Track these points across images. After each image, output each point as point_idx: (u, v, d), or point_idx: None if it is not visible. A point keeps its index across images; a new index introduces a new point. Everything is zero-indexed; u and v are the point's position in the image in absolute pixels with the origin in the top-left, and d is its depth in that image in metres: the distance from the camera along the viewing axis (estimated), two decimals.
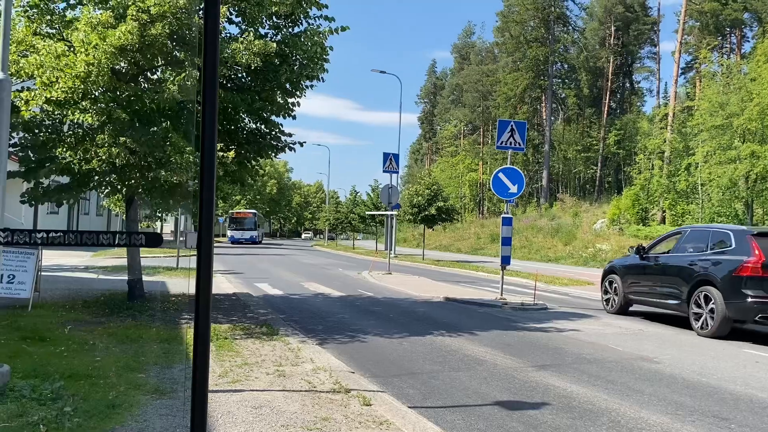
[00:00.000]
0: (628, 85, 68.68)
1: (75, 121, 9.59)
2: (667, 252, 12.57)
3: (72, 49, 8.98)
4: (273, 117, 10.93)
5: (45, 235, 3.16)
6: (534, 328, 11.07)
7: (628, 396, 6.55)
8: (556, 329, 11.05)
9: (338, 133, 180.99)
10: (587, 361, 8.40)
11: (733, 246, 10.74)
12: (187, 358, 7.18)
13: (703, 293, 10.80)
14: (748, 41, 51.88)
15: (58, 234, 3.20)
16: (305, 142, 12.08)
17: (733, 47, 54.07)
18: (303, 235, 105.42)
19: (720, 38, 52.62)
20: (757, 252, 10.20)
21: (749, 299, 10.06)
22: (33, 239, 3.27)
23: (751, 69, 36.30)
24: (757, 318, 10.14)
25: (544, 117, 63.76)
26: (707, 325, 10.68)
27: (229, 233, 61.47)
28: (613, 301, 13.60)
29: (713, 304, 10.53)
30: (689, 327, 11.23)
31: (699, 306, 10.91)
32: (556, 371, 7.66)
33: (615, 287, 13.54)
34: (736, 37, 53.53)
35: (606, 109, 63.74)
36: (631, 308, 13.45)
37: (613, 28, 63.35)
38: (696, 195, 39.57)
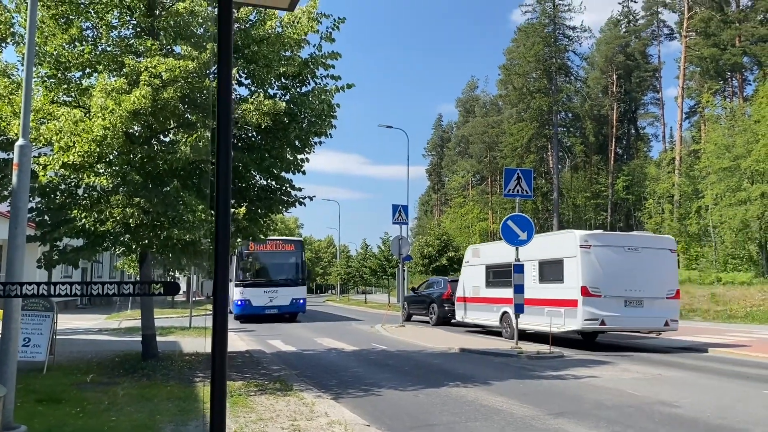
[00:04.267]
0: (633, 131, 69.15)
1: (90, 183, 9.82)
2: (423, 289, 27.05)
3: (88, 114, 9.28)
4: (283, 173, 11.14)
5: (68, 288, 3.24)
6: (551, 376, 10.94)
7: None
8: (573, 376, 10.92)
9: (348, 187, 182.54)
10: (605, 407, 8.28)
11: (442, 285, 24.79)
12: (204, 414, 7.16)
13: (432, 305, 24.67)
14: (750, 84, 52.46)
15: (80, 285, 3.29)
16: (314, 197, 12.24)
17: (735, 90, 54.60)
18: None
19: (721, 82, 53.21)
20: (448, 288, 23.79)
21: (446, 308, 23.44)
22: (53, 292, 3.35)
23: (754, 111, 36.62)
24: (449, 317, 23.03)
25: (551, 165, 64.16)
26: (432, 320, 24.35)
27: (237, 295, 25.57)
28: (403, 314, 24.75)
29: (435, 310, 24.33)
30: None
31: (431, 312, 24.64)
32: (574, 418, 7.55)
33: (405, 306, 26.15)
34: (737, 80, 54.13)
35: (612, 155, 64.10)
36: (413, 318, 26.29)
37: (615, 77, 64.31)
38: (709, 238, 39.37)
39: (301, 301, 26.08)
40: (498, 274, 18.73)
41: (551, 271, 16.03)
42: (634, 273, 14.88)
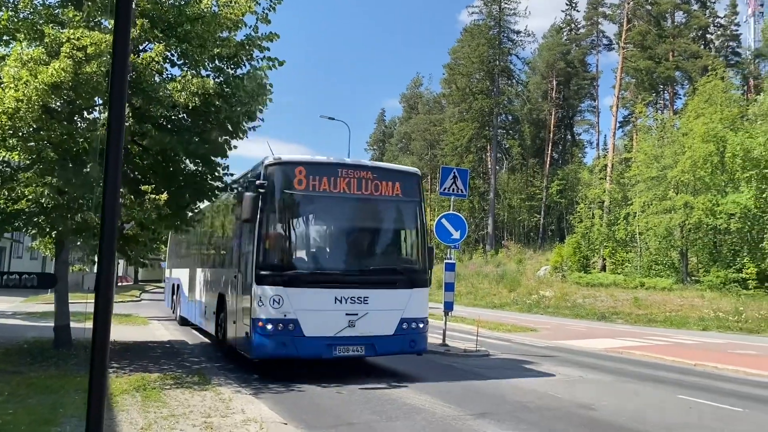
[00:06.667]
0: (569, 136, 71.03)
1: (2, 158, 9.19)
2: None
3: (1, 85, 8.66)
4: (212, 158, 10.75)
5: None
6: (475, 375, 10.96)
7: None
8: (496, 376, 10.98)
9: None
10: (528, 409, 8.32)
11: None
12: (111, 409, 6.79)
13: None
14: (680, 98, 54.61)
15: None
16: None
17: (666, 103, 56.72)
18: None
19: (654, 94, 55.17)
20: None
21: None
22: None
23: (683, 124, 38.07)
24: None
25: (490, 166, 65.13)
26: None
27: (259, 309, 9.33)
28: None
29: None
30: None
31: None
32: (495, 419, 7.54)
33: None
34: (669, 93, 56.26)
35: (548, 159, 65.58)
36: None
37: (554, 82, 65.74)
38: (634, 243, 40.77)
39: (421, 325, 10.43)
40: None
41: None
42: None
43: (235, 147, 10.76)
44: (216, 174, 11.22)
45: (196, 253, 16.91)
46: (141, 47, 10.03)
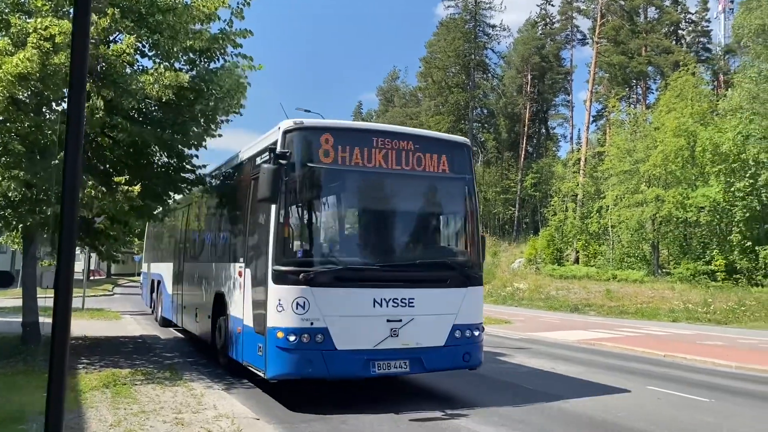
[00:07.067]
0: (543, 130, 71.58)
1: None
2: None
3: None
4: (185, 150, 10.63)
5: None
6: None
7: None
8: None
9: None
10: (503, 402, 8.38)
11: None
12: (80, 405, 6.71)
13: None
14: (653, 93, 55.38)
15: None
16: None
17: (639, 98, 57.48)
18: None
19: (627, 89, 55.82)
20: None
21: None
22: None
23: (655, 118, 38.61)
24: None
25: None
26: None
27: (276, 316, 7.38)
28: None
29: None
30: None
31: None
32: (475, 414, 7.59)
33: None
34: (642, 88, 57.03)
35: (523, 153, 66.04)
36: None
37: (529, 77, 66.13)
38: (607, 236, 41.31)
39: (476, 333, 8.45)
40: None
41: None
42: None
43: (220, 135, 10.67)
44: (188, 167, 11.10)
45: (183, 244, 14.63)
46: (111, 38, 9.86)
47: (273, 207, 7.44)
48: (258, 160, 8.65)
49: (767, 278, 29.18)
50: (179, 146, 10.52)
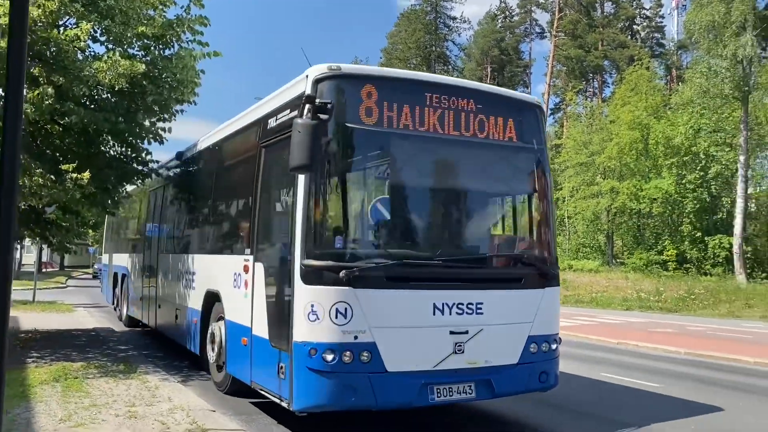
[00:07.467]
0: None
1: None
2: None
3: None
4: (140, 143, 10.37)
5: None
6: None
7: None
8: None
9: None
10: None
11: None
12: (28, 401, 6.52)
13: None
14: (608, 86, 56.55)
15: None
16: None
17: (595, 91, 58.65)
18: None
19: (584, 82, 56.96)
20: None
21: None
22: None
23: (610, 111, 39.44)
24: None
25: None
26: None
27: (312, 330, 5.45)
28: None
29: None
30: None
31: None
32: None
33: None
34: (598, 82, 58.19)
35: None
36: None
37: (489, 69, 66.81)
38: (563, 227, 42.09)
39: (553, 346, 6.70)
40: None
41: None
42: None
43: (170, 131, 10.43)
44: (140, 158, 10.82)
45: (157, 231, 12.10)
46: (60, 22, 9.56)
47: (302, 181, 5.58)
48: (272, 122, 6.76)
49: (715, 267, 30.19)
50: (130, 137, 10.26)
